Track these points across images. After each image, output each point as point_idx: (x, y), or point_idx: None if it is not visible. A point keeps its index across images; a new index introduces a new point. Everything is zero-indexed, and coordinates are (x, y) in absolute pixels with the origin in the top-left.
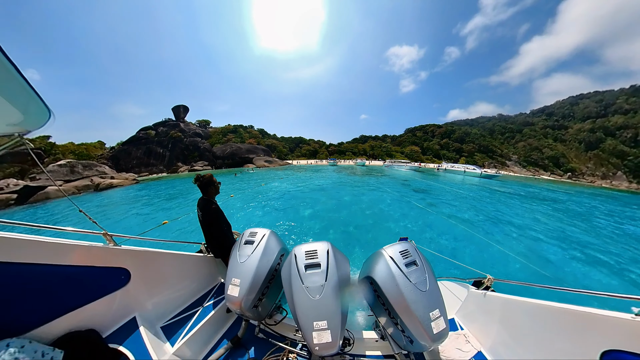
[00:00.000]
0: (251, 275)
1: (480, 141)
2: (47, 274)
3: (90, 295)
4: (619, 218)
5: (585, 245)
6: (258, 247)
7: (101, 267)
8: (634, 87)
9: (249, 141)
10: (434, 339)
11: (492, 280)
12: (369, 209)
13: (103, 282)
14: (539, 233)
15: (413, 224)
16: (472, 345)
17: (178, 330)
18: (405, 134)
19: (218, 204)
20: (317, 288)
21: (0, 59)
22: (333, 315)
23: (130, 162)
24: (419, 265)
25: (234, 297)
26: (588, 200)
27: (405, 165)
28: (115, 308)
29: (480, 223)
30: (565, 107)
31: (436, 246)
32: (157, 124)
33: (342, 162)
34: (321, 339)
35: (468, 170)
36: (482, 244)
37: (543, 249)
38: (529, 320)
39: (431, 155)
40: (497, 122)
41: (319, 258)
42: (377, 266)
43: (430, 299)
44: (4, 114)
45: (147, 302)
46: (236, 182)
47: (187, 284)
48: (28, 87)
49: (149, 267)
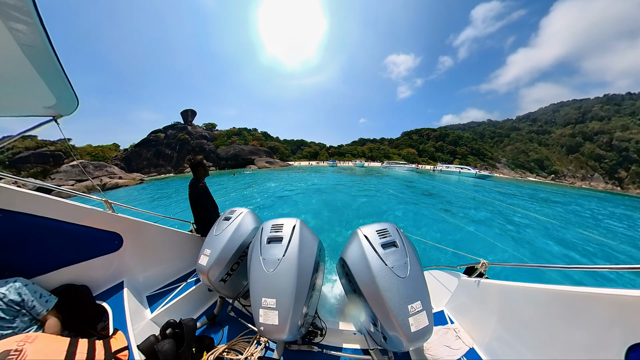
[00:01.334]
0: (221, 247)
1: (472, 144)
2: (51, 227)
3: (86, 254)
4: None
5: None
6: (233, 222)
7: (98, 230)
8: (607, 96)
9: (252, 143)
10: (410, 339)
11: (486, 266)
12: (372, 217)
13: (98, 244)
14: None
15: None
16: (463, 342)
17: (160, 300)
18: (402, 137)
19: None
20: (274, 262)
21: (47, 45)
22: (285, 294)
23: (141, 163)
24: (399, 246)
25: (202, 267)
26: (597, 205)
27: (403, 167)
28: (107, 270)
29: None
30: (547, 114)
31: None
32: (167, 127)
33: (341, 163)
34: (267, 319)
35: (463, 171)
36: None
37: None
38: (532, 310)
39: (427, 157)
40: (486, 127)
41: (283, 232)
42: (349, 246)
43: (410, 288)
44: (42, 96)
45: (136, 269)
46: (224, 183)
47: (175, 259)
48: (64, 75)
49: (141, 237)
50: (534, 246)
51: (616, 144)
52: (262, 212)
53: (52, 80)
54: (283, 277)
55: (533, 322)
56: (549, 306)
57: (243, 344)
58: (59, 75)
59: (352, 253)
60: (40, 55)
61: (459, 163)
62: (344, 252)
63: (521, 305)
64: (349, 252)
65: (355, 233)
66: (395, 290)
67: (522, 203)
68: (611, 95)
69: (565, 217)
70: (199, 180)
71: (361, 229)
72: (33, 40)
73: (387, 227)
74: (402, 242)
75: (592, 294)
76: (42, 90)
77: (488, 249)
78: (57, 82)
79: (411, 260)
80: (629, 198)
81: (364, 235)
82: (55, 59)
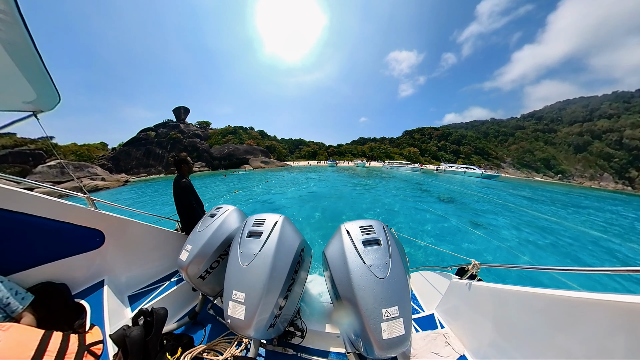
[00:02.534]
0: (202, 243)
1: (476, 143)
2: (29, 223)
3: (67, 251)
4: None
5: None
6: (218, 219)
7: (79, 226)
8: (616, 93)
9: (248, 142)
10: (381, 346)
11: (478, 267)
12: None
13: (79, 241)
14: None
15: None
16: (453, 349)
17: (142, 299)
18: (404, 136)
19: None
20: (249, 255)
21: (28, 42)
22: (254, 289)
23: (130, 163)
24: (382, 244)
25: (182, 262)
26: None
27: (406, 167)
28: (88, 267)
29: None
30: (553, 112)
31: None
32: (158, 125)
33: (341, 163)
34: (234, 312)
35: (468, 171)
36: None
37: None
38: (528, 316)
39: (429, 157)
40: (490, 126)
41: (264, 227)
42: (332, 240)
43: (388, 291)
44: (22, 91)
45: (118, 268)
46: (208, 186)
47: (159, 258)
48: (45, 70)
49: (123, 234)
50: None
51: (626, 142)
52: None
53: (33, 76)
54: (256, 272)
55: (529, 328)
56: (546, 312)
57: (224, 344)
58: (40, 71)
59: (332, 248)
60: (21, 52)
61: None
62: (326, 247)
63: (516, 310)
64: (330, 246)
65: (339, 228)
66: (369, 291)
67: (549, 209)
68: (620, 92)
69: (615, 227)
70: (182, 177)
71: (345, 224)
72: (13, 37)
73: (372, 224)
74: (387, 241)
75: (594, 300)
76: (22, 85)
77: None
78: (38, 78)
79: (394, 262)
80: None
81: (347, 230)
82: (37, 55)
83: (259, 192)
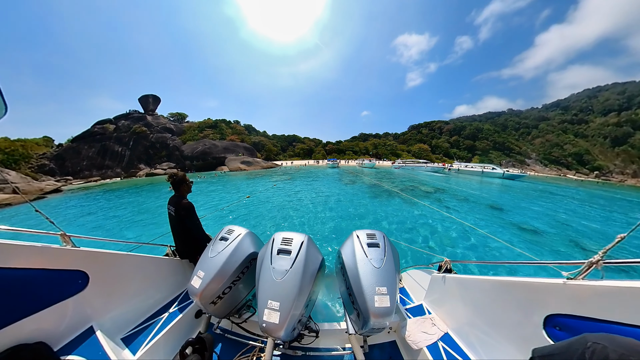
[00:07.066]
0: (217, 269)
1: (494, 138)
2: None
3: (42, 302)
4: None
5: None
6: (231, 244)
7: (55, 270)
8: None
9: (231, 138)
10: (375, 313)
11: (449, 263)
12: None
13: (57, 287)
14: None
15: None
16: (438, 328)
17: (140, 338)
18: (409, 132)
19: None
20: (282, 272)
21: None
22: (288, 300)
23: (79, 164)
24: (380, 247)
25: (194, 288)
26: None
27: (424, 166)
28: (71, 316)
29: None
30: (582, 101)
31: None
32: (119, 116)
33: (343, 162)
34: (270, 318)
35: (487, 170)
36: None
37: None
38: (484, 296)
39: (441, 154)
40: (508, 117)
41: (292, 246)
42: (346, 242)
43: (381, 277)
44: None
45: (107, 309)
46: (142, 204)
47: (152, 289)
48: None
49: (109, 270)
50: None
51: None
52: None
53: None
54: (288, 286)
55: (485, 305)
56: (492, 292)
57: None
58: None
59: (346, 247)
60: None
61: (479, 160)
62: (342, 246)
63: (475, 293)
64: (345, 246)
65: (351, 234)
66: (369, 274)
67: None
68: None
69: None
70: (182, 196)
71: (356, 231)
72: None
73: (376, 233)
74: (384, 245)
75: (517, 282)
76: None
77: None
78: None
79: (387, 259)
80: None
81: (357, 235)
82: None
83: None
